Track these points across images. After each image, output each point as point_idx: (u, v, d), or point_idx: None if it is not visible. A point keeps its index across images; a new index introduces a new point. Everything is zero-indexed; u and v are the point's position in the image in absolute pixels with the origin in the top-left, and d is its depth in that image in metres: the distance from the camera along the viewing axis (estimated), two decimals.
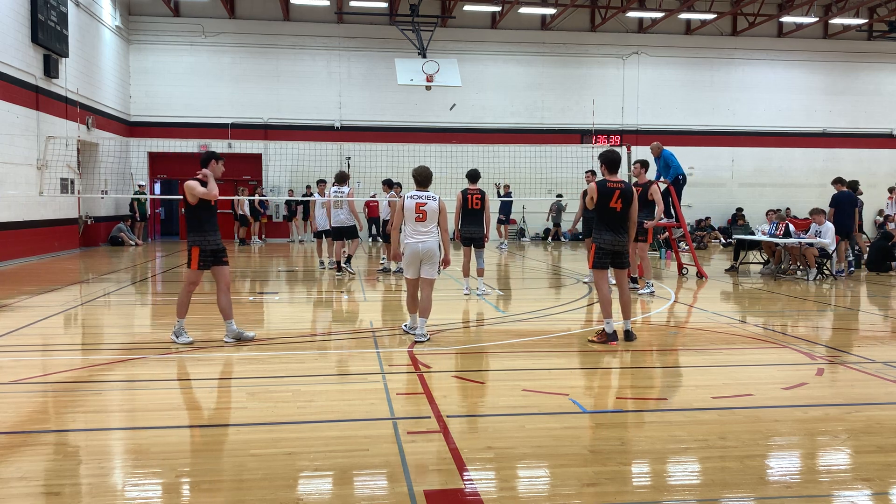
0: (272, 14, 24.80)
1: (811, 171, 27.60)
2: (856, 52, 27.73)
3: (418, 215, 7.45)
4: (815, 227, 13.63)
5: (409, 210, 7.47)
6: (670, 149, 13.81)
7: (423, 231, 7.46)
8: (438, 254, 7.51)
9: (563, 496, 3.67)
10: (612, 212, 7.36)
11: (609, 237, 7.41)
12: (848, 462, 4.22)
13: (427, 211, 7.45)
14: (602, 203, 7.35)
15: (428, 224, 7.47)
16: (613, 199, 7.31)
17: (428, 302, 7.53)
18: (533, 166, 22.08)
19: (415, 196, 7.51)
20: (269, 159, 24.91)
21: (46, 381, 5.89)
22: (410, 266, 7.52)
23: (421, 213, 7.44)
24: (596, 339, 7.44)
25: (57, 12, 17.61)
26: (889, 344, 7.77)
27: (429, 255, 7.43)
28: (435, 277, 7.57)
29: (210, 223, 7.24)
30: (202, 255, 7.15)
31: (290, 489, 3.73)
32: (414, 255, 7.45)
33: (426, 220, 7.46)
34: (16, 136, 15.95)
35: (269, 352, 7.00)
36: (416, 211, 7.44)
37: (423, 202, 7.46)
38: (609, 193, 7.33)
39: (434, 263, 7.49)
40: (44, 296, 10.89)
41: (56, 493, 3.66)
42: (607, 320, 7.39)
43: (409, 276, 7.60)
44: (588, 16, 26.27)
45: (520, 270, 16.25)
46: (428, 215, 7.46)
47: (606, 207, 7.35)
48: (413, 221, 7.47)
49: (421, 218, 7.45)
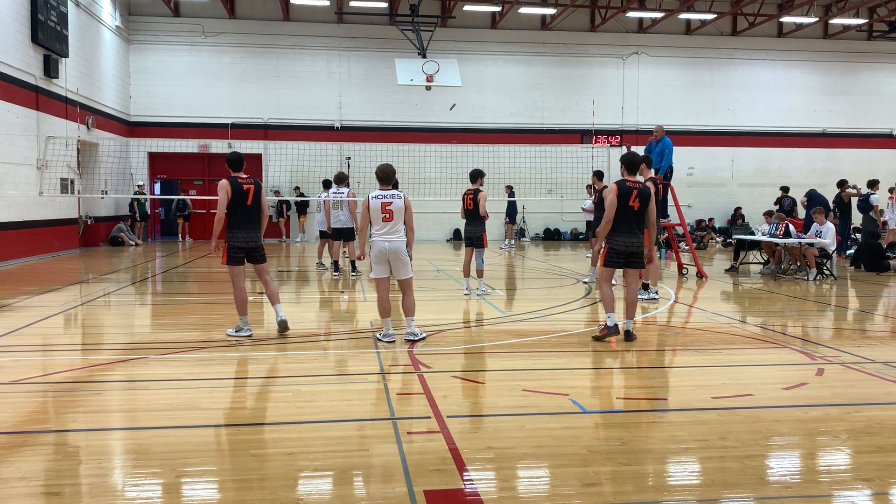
0: (272, 14, 24.80)
1: (811, 172, 27.58)
2: (856, 52, 27.72)
3: (385, 215, 7.29)
4: (816, 226, 13.66)
5: (374, 210, 7.31)
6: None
7: (390, 230, 7.30)
8: (406, 253, 7.41)
9: (563, 496, 3.67)
10: (630, 210, 7.48)
11: (623, 238, 7.52)
12: (848, 462, 4.22)
13: (393, 210, 7.28)
14: (621, 203, 7.47)
15: (395, 223, 7.33)
16: (632, 199, 7.47)
17: (411, 300, 7.49)
18: (533, 166, 22.07)
19: (379, 196, 7.34)
20: (269, 159, 24.91)
21: (46, 381, 5.89)
22: (378, 265, 7.37)
23: (387, 212, 7.28)
24: (600, 333, 7.59)
25: (57, 12, 17.61)
26: (889, 344, 7.77)
27: (396, 255, 7.31)
28: (410, 276, 7.47)
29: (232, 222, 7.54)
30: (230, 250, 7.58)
31: (290, 489, 3.73)
32: (381, 253, 7.30)
33: (393, 220, 7.31)
34: (16, 136, 15.95)
35: (269, 352, 7.00)
36: (383, 211, 7.28)
37: (389, 201, 7.30)
38: (628, 193, 7.48)
39: (404, 263, 7.37)
40: (44, 296, 10.90)
41: (56, 493, 3.66)
42: (609, 314, 7.53)
43: (378, 275, 7.39)
44: (588, 16, 26.27)
45: (520, 270, 16.25)
46: (394, 214, 7.29)
47: (625, 206, 7.47)
48: (380, 221, 7.31)
49: (388, 218, 7.29)
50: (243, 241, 7.55)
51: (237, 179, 7.50)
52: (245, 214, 7.53)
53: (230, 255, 7.55)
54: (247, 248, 7.60)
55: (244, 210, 7.51)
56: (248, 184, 7.53)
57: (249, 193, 7.49)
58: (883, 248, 16.04)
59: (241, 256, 7.60)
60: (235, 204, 7.46)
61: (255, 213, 7.61)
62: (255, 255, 7.69)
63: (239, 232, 7.53)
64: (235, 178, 7.52)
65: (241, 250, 7.58)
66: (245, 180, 7.53)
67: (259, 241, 7.72)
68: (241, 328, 7.65)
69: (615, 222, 7.52)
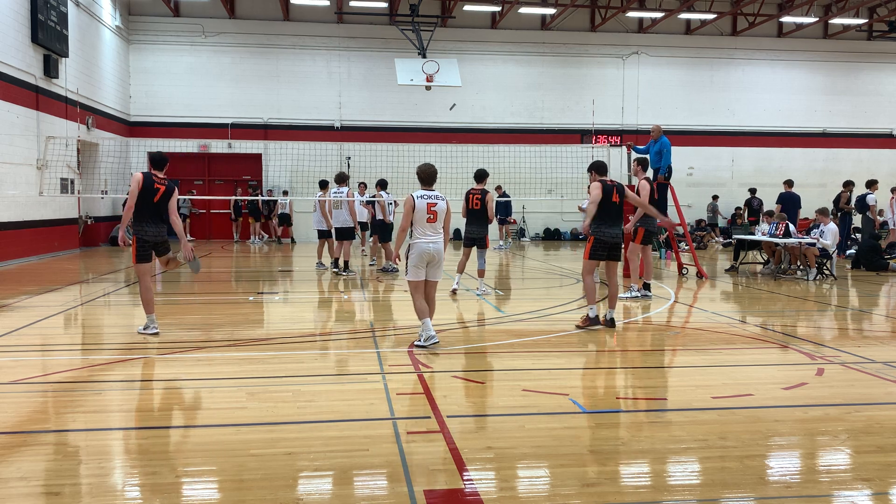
0: (272, 14, 24.80)
1: (811, 172, 27.58)
2: (856, 52, 27.71)
3: (430, 216, 7.11)
4: (822, 226, 13.71)
5: (420, 210, 7.09)
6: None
7: (433, 232, 7.16)
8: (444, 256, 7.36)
9: (563, 496, 3.67)
10: (613, 206, 8.22)
11: (608, 230, 8.21)
12: (848, 462, 4.22)
13: (438, 212, 7.15)
14: (606, 199, 8.16)
15: (437, 225, 7.19)
16: (613, 195, 8.21)
17: (433, 303, 7.44)
18: (533, 166, 22.06)
19: (425, 196, 7.16)
20: (269, 159, 24.90)
21: (46, 381, 5.89)
22: (419, 268, 7.20)
23: (432, 213, 7.12)
24: (581, 324, 8.19)
25: (57, 12, 17.60)
26: (889, 344, 7.77)
27: (437, 258, 7.19)
28: (439, 279, 7.42)
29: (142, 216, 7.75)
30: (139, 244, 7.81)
31: (290, 489, 3.73)
32: (423, 255, 7.11)
33: (436, 222, 7.16)
34: (16, 136, 15.94)
35: (269, 352, 7.00)
36: (428, 211, 7.10)
37: (434, 202, 7.15)
38: (610, 190, 8.21)
39: (440, 266, 7.30)
40: (44, 296, 10.89)
41: (56, 493, 3.66)
42: (591, 306, 8.20)
43: (417, 277, 7.21)
44: (588, 16, 26.26)
45: (520, 270, 16.25)
46: (438, 216, 7.16)
47: (609, 202, 8.19)
48: (424, 223, 7.12)
49: (432, 219, 7.13)
50: (152, 237, 7.76)
51: (152, 176, 7.75)
52: (152, 211, 7.73)
53: (139, 251, 7.74)
54: (154, 243, 7.83)
55: (151, 206, 7.71)
56: (161, 184, 7.76)
57: (159, 193, 7.72)
58: (882, 248, 16.08)
59: (148, 253, 7.83)
60: (143, 198, 7.67)
61: (164, 211, 7.85)
62: (160, 248, 7.92)
63: (148, 227, 7.73)
64: (151, 174, 7.78)
65: (149, 245, 7.78)
66: (160, 180, 7.78)
67: (165, 236, 7.92)
68: (148, 326, 7.78)
69: (601, 216, 8.20)
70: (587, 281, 8.28)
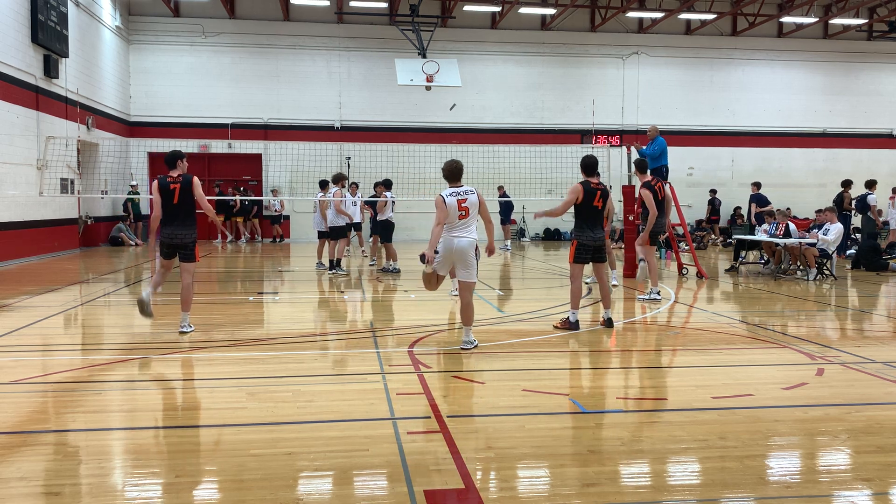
0: (272, 14, 24.79)
1: (811, 172, 27.59)
2: (856, 53, 27.71)
3: (461, 212, 6.93)
4: (827, 225, 13.75)
5: (451, 208, 6.90)
6: (669, 148, 13.74)
7: (464, 227, 6.98)
8: (473, 253, 7.09)
9: (563, 496, 3.67)
10: (594, 210, 8.13)
11: (590, 233, 8.14)
12: (848, 462, 4.22)
13: (469, 206, 6.95)
14: (586, 201, 8.08)
15: (471, 220, 7.00)
16: (596, 199, 8.10)
17: (470, 308, 7.10)
18: (533, 166, 22.04)
19: (454, 193, 6.96)
20: (269, 159, 24.90)
21: (46, 381, 5.89)
22: (444, 265, 7.13)
23: (464, 209, 6.93)
24: (560, 325, 8.15)
25: (57, 12, 17.60)
26: (889, 344, 7.77)
27: (463, 253, 6.97)
28: (473, 280, 7.10)
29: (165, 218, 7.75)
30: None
31: (290, 489, 3.73)
32: (448, 251, 7.00)
33: (469, 217, 6.98)
34: (16, 136, 15.94)
35: (269, 352, 7.00)
36: (459, 208, 6.92)
37: (464, 197, 6.94)
38: (593, 193, 8.10)
39: (469, 264, 7.02)
40: (44, 296, 10.89)
41: (56, 493, 3.66)
42: (573, 311, 8.13)
43: (440, 271, 7.17)
44: (588, 16, 26.25)
45: (520, 270, 16.26)
46: (470, 211, 6.96)
47: (590, 206, 8.10)
48: (456, 219, 6.95)
49: (464, 215, 6.94)
50: (166, 237, 7.71)
51: (167, 178, 7.72)
52: (172, 213, 7.66)
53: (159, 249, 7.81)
54: (171, 245, 7.73)
55: (171, 208, 7.66)
56: (175, 183, 7.68)
57: (175, 193, 7.65)
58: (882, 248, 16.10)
59: (165, 252, 7.80)
60: (164, 202, 7.65)
61: (189, 210, 7.74)
62: (182, 252, 7.78)
63: (164, 227, 7.71)
64: (166, 177, 7.75)
65: (164, 245, 7.75)
66: (174, 179, 7.71)
67: (186, 238, 7.74)
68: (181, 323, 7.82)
69: (582, 220, 8.13)
70: (574, 285, 8.22)
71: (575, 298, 8.17)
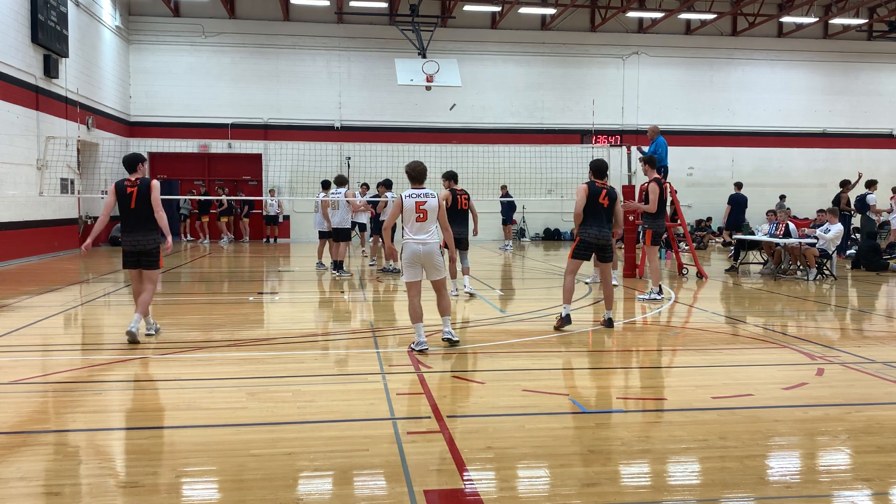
0: (272, 14, 24.80)
1: (811, 172, 27.59)
2: (856, 52, 27.71)
3: (419, 215, 6.92)
4: (828, 225, 13.76)
5: (408, 210, 6.94)
6: (669, 148, 13.74)
7: (423, 231, 6.96)
8: (441, 256, 7.16)
9: (563, 496, 3.67)
10: (600, 207, 8.19)
11: (595, 231, 8.21)
12: (848, 462, 4.22)
13: (427, 210, 6.94)
14: (592, 199, 8.16)
15: (429, 224, 6.99)
16: (601, 197, 8.18)
17: (447, 300, 7.23)
18: (533, 166, 22.05)
19: (413, 194, 6.99)
20: (269, 159, 24.90)
21: (46, 381, 5.89)
22: (411, 268, 7.06)
23: (421, 212, 6.92)
24: (558, 324, 8.17)
25: (57, 12, 17.60)
26: (889, 344, 7.77)
27: (429, 258, 6.97)
28: (444, 276, 7.23)
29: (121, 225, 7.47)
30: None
31: (290, 489, 3.73)
32: (414, 256, 6.95)
33: (427, 220, 6.97)
34: (16, 136, 15.94)
35: (269, 352, 7.00)
36: (416, 210, 6.92)
37: (423, 200, 6.96)
38: (598, 192, 8.20)
39: (437, 266, 7.07)
40: (44, 296, 10.89)
41: (56, 493, 3.66)
42: (565, 305, 8.18)
43: (411, 278, 7.04)
44: (588, 16, 26.26)
45: (520, 270, 16.26)
46: (428, 214, 6.95)
47: (595, 203, 8.18)
48: (413, 222, 6.96)
49: (421, 218, 6.93)
50: (128, 245, 7.39)
51: (124, 182, 7.40)
52: (131, 218, 7.36)
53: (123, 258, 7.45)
54: (133, 252, 7.39)
55: (129, 213, 7.35)
56: (133, 186, 7.34)
57: (132, 197, 7.30)
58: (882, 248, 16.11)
59: (127, 261, 7.43)
60: (121, 206, 7.36)
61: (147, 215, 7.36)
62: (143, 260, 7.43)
63: (124, 234, 7.42)
64: (123, 181, 7.43)
65: (126, 252, 7.40)
66: (131, 183, 7.36)
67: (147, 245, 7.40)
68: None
69: (588, 217, 8.21)
70: (567, 280, 8.30)
71: (567, 294, 8.25)
